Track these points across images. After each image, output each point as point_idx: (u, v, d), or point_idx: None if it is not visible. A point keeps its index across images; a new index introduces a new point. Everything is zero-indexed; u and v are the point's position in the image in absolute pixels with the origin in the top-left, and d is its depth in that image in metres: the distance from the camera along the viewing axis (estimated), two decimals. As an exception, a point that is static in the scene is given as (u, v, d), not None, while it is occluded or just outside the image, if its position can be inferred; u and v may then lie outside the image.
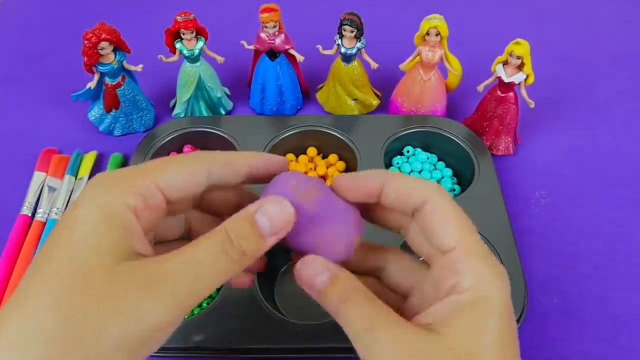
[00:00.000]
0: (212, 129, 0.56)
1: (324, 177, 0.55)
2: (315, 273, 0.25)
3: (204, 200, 0.29)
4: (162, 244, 0.28)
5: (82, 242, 0.21)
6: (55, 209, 0.51)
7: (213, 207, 0.29)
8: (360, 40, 0.55)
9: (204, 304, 0.46)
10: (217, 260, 0.22)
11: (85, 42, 0.51)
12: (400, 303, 0.28)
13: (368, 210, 0.28)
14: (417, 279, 0.27)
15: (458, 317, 0.22)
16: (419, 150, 0.56)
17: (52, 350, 0.19)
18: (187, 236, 0.29)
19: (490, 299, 0.23)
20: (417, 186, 0.25)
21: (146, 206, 0.23)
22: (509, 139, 0.57)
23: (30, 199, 0.52)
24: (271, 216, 0.24)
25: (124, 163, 0.57)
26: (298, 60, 0.58)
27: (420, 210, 0.25)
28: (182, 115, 0.60)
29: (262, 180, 0.27)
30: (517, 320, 0.42)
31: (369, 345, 0.22)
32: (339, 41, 0.55)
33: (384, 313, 0.23)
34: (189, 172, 0.24)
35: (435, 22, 0.53)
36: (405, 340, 0.22)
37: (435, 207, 0.25)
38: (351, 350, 0.24)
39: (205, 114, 0.60)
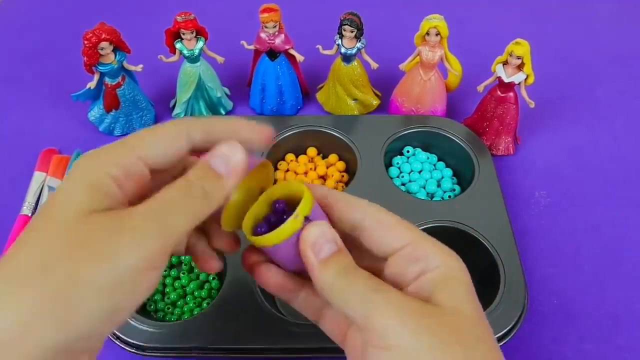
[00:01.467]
0: (212, 129, 0.56)
1: (323, 177, 0.55)
2: (325, 240, 0.25)
3: None
4: None
5: (62, 201, 0.23)
6: (55, 209, 0.51)
7: None
8: (360, 40, 0.55)
9: (204, 304, 0.46)
10: (182, 199, 0.24)
11: (85, 42, 0.51)
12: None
13: None
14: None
15: (440, 291, 0.24)
16: (419, 150, 0.56)
17: (33, 297, 0.20)
18: None
19: (458, 274, 0.26)
20: (354, 204, 0.28)
21: (128, 176, 0.24)
22: (509, 139, 0.57)
23: (30, 198, 0.52)
24: (223, 155, 0.25)
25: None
26: (298, 60, 0.58)
27: (361, 226, 0.27)
28: (182, 115, 0.60)
29: (244, 145, 0.27)
30: (517, 321, 0.42)
31: (369, 313, 0.23)
32: (339, 41, 0.55)
33: (383, 284, 0.25)
34: (167, 137, 0.25)
35: (435, 22, 0.53)
36: (406, 304, 0.24)
37: (376, 220, 0.27)
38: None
39: (205, 114, 0.60)
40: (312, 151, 0.57)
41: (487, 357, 0.23)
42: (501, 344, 0.41)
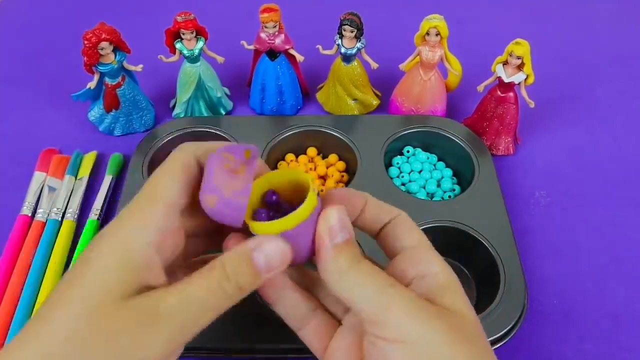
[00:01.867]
0: (212, 129, 0.56)
1: (323, 177, 0.55)
2: (342, 226, 0.26)
3: None
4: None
5: (94, 281, 0.22)
6: (55, 209, 0.51)
7: None
8: (360, 40, 0.55)
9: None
10: (213, 297, 0.24)
11: (85, 42, 0.51)
12: None
13: None
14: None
15: (443, 295, 0.25)
16: (419, 150, 0.56)
17: None
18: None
19: (455, 281, 0.27)
20: (387, 208, 0.29)
21: (167, 234, 0.24)
22: (509, 139, 0.57)
23: (30, 199, 0.52)
24: (267, 254, 0.25)
25: (124, 163, 0.57)
26: (298, 60, 0.58)
27: (388, 225, 0.28)
28: (182, 115, 0.60)
29: None
30: (517, 320, 0.42)
31: (385, 307, 0.24)
32: (339, 41, 0.55)
33: (392, 279, 0.25)
34: (180, 170, 0.26)
35: (435, 22, 0.53)
36: (420, 302, 0.24)
37: (401, 220, 0.29)
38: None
39: (205, 114, 0.60)
40: (312, 151, 0.57)
41: (487, 356, 0.25)
42: (501, 344, 0.41)
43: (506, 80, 0.52)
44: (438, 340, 0.23)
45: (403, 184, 0.54)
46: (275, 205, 0.27)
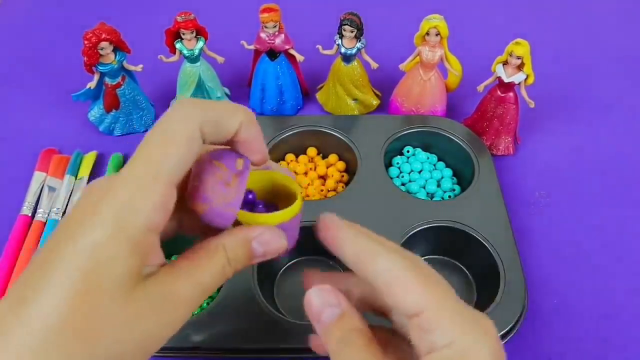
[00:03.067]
0: (212, 129, 0.56)
1: (323, 177, 0.55)
2: (326, 305, 0.25)
3: None
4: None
5: (107, 273, 0.21)
6: (55, 208, 0.51)
7: None
8: (360, 40, 0.55)
9: (204, 304, 0.46)
10: (216, 281, 0.25)
11: (85, 42, 0.51)
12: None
13: None
14: None
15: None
16: (419, 150, 0.56)
17: None
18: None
19: (474, 354, 0.22)
20: (368, 264, 0.25)
21: (166, 213, 0.23)
22: (509, 139, 0.57)
23: (30, 198, 0.52)
24: (266, 245, 0.26)
25: (124, 163, 0.57)
26: (298, 60, 0.58)
27: (375, 286, 0.25)
28: (182, 115, 0.60)
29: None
30: (517, 320, 0.42)
31: None
32: (339, 41, 0.55)
33: (380, 357, 0.23)
34: (185, 146, 0.23)
35: (435, 22, 0.53)
36: None
37: (388, 278, 0.24)
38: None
39: (205, 114, 0.60)
40: (312, 151, 0.57)
41: None
42: (501, 343, 0.41)
43: (506, 80, 0.52)
44: None
45: (403, 184, 0.54)
46: (251, 203, 0.28)
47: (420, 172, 0.55)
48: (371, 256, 0.24)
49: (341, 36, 0.55)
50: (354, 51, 0.55)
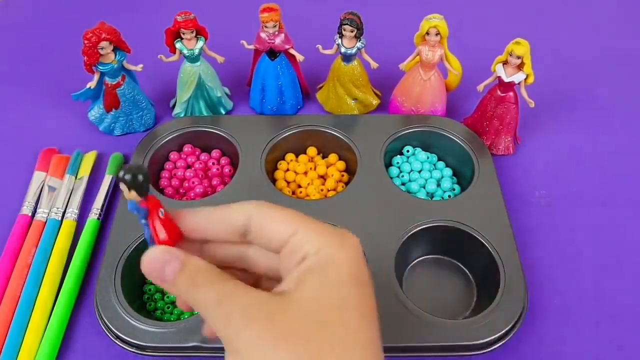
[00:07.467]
0: (212, 128, 0.56)
1: (323, 177, 0.55)
2: (164, 262, 0.25)
3: None
4: None
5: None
6: (55, 208, 0.51)
7: None
8: (360, 40, 0.55)
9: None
10: None
11: (85, 41, 0.51)
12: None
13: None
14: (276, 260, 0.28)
15: (306, 279, 0.24)
16: (419, 150, 0.56)
17: None
18: None
19: (336, 259, 0.25)
20: (235, 210, 0.27)
21: None
22: (509, 139, 0.57)
23: (30, 198, 0.52)
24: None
25: (124, 163, 0.57)
26: (298, 60, 0.58)
27: (249, 230, 0.26)
28: (182, 115, 0.60)
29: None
30: (517, 320, 0.42)
31: (224, 319, 0.23)
32: (339, 41, 0.55)
33: (233, 284, 0.24)
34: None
35: (435, 21, 0.53)
36: (256, 304, 0.23)
37: (260, 219, 0.26)
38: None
39: (205, 113, 0.60)
40: (312, 151, 0.57)
41: (322, 348, 0.23)
42: (501, 343, 0.41)
43: (506, 80, 0.52)
44: (265, 352, 0.22)
45: (403, 184, 0.54)
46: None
47: (420, 171, 0.55)
48: (233, 212, 0.27)
49: (341, 36, 0.55)
50: (354, 51, 0.55)
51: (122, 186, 0.24)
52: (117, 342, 0.41)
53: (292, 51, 0.57)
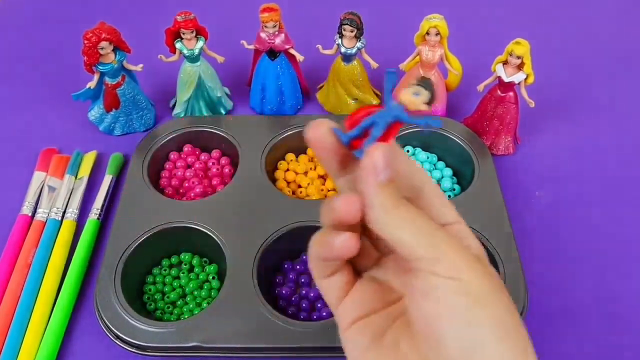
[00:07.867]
0: (212, 128, 0.56)
1: (323, 177, 0.55)
2: (386, 165, 0.25)
3: None
4: None
5: None
6: (55, 208, 0.51)
7: None
8: (360, 40, 0.55)
9: (204, 304, 0.46)
10: None
11: (85, 41, 0.51)
12: None
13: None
14: None
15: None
16: (419, 150, 0.56)
17: None
18: None
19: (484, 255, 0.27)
20: (417, 171, 0.29)
21: None
22: (509, 139, 0.57)
23: (30, 198, 0.52)
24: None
25: (124, 163, 0.57)
26: (298, 60, 0.58)
27: (421, 192, 0.28)
28: (182, 115, 0.60)
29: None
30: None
31: (434, 244, 0.24)
32: (339, 41, 0.55)
33: (436, 223, 0.26)
34: None
35: (435, 21, 0.53)
36: (465, 248, 0.25)
37: (432, 194, 0.28)
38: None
39: (205, 113, 0.60)
40: (312, 151, 0.57)
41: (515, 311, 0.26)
42: (501, 343, 0.41)
43: (506, 79, 0.52)
44: (486, 285, 0.24)
45: (403, 184, 0.54)
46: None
47: (420, 172, 0.55)
48: (417, 170, 0.29)
49: (341, 36, 0.55)
50: (354, 51, 0.55)
51: (416, 89, 0.25)
52: (117, 342, 0.41)
53: (292, 51, 0.57)
